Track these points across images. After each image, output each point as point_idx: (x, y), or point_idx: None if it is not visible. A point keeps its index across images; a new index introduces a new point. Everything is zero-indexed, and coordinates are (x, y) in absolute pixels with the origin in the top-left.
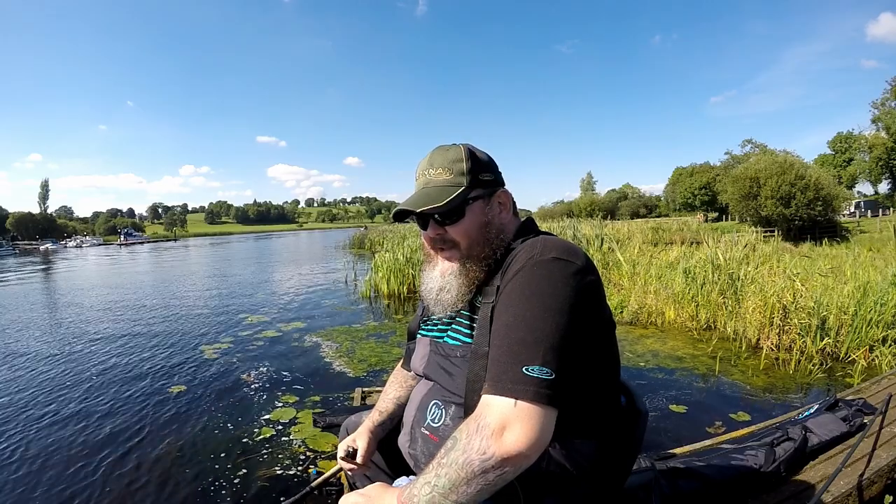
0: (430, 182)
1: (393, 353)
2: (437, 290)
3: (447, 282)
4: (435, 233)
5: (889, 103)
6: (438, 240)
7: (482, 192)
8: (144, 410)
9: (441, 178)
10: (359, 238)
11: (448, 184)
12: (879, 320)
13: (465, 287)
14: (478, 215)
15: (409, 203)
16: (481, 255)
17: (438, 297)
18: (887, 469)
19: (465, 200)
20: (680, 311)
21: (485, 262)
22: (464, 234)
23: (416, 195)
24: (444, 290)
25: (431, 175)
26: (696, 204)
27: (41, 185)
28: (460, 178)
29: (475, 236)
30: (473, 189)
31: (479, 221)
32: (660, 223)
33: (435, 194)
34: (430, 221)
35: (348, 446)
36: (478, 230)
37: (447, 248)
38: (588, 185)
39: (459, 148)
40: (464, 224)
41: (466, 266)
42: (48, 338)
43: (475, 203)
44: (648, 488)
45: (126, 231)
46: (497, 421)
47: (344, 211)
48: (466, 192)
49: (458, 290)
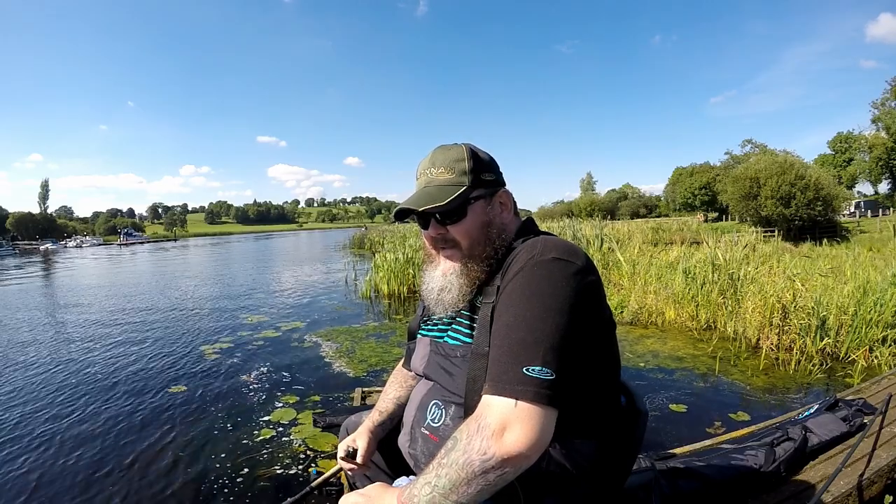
0: (432, 181)
1: (393, 353)
2: (438, 290)
3: (449, 281)
4: (436, 232)
5: (889, 103)
6: (440, 239)
7: (484, 192)
8: (145, 410)
9: (443, 177)
10: (359, 238)
11: (450, 183)
12: (879, 320)
13: (466, 287)
14: (479, 215)
15: (410, 202)
16: (483, 255)
17: (440, 296)
18: (887, 469)
19: (467, 200)
20: (680, 311)
21: (486, 261)
22: (465, 234)
23: (417, 194)
24: (446, 290)
25: (433, 174)
26: (696, 204)
27: (41, 185)
28: (462, 178)
29: (476, 236)
30: (475, 189)
31: (481, 221)
32: (660, 223)
33: (437, 193)
34: (431, 221)
35: (348, 446)
36: (479, 230)
37: (448, 247)
38: (588, 185)
39: (461, 147)
40: (465, 224)
41: (468, 266)
42: (48, 338)
43: (477, 203)
44: (648, 488)
45: (126, 231)
46: (497, 421)
47: (344, 211)
48: (468, 192)
49: (460, 290)
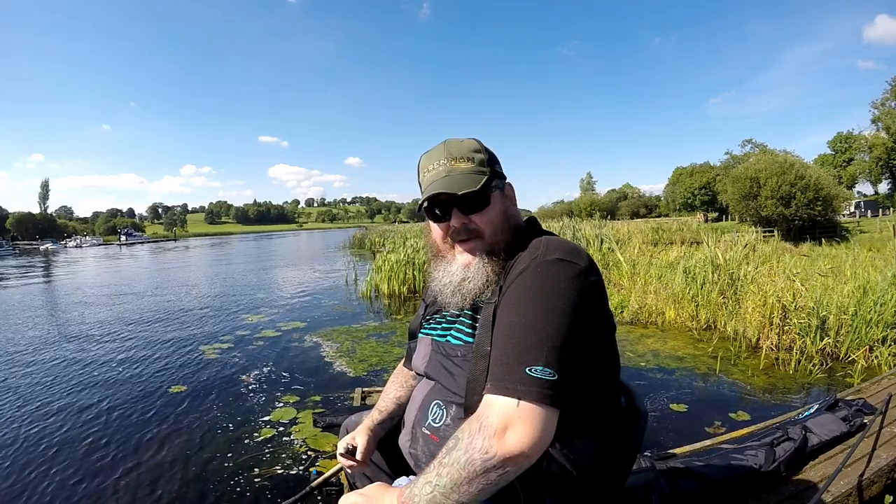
0: (454, 170)
1: (393, 353)
2: (459, 281)
3: (473, 270)
4: (460, 222)
5: (889, 103)
6: (462, 230)
7: (499, 183)
8: (145, 410)
9: (465, 165)
10: (359, 238)
11: (475, 171)
12: (879, 320)
13: (493, 275)
14: (499, 204)
15: (441, 186)
16: (502, 245)
17: (460, 287)
18: (887, 469)
19: (491, 188)
20: (680, 310)
21: (503, 251)
22: (489, 223)
23: (445, 181)
24: (468, 280)
25: (453, 164)
26: (696, 204)
27: (41, 185)
28: (483, 168)
29: (500, 224)
30: (494, 179)
31: (502, 210)
32: (660, 223)
33: (465, 180)
34: (454, 211)
35: (348, 444)
36: (501, 218)
37: (471, 238)
38: (588, 185)
39: (473, 140)
40: (489, 213)
41: (490, 257)
42: (48, 338)
43: (496, 192)
44: (648, 488)
45: (126, 231)
46: (499, 420)
47: (344, 211)
48: (490, 181)
49: (486, 278)
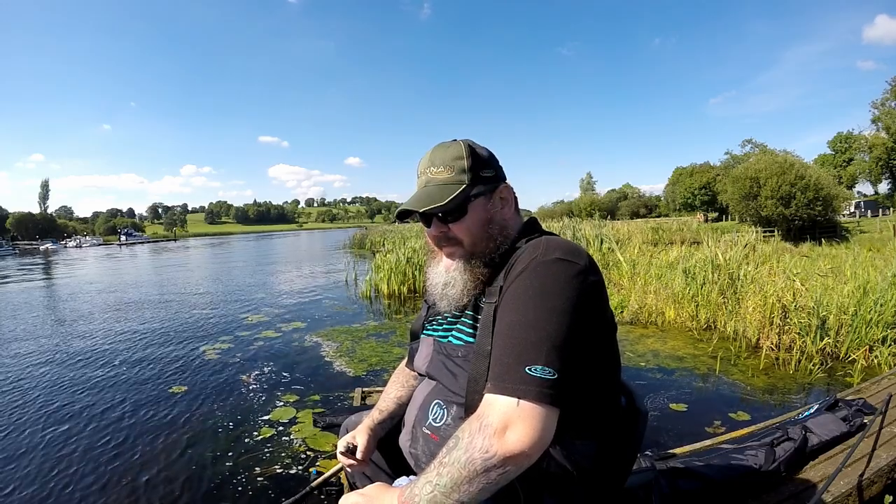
0: (432, 181)
1: (393, 353)
2: (442, 285)
3: (452, 277)
4: (438, 231)
5: (889, 103)
6: (442, 238)
7: (484, 189)
8: (145, 410)
9: (442, 176)
10: (359, 238)
11: (449, 182)
12: (879, 320)
13: (470, 283)
14: (480, 212)
15: (411, 203)
16: (485, 252)
17: (444, 291)
18: (887, 469)
19: (467, 198)
20: (680, 310)
21: (488, 257)
22: (466, 232)
23: (417, 194)
24: (449, 285)
25: (432, 174)
26: (696, 204)
27: (41, 185)
28: (461, 176)
29: (478, 233)
30: (475, 186)
31: (482, 218)
32: (660, 223)
33: (436, 193)
34: (433, 220)
35: (348, 443)
36: (480, 227)
37: (451, 245)
38: (588, 185)
39: (459, 144)
40: (466, 222)
41: (471, 262)
42: (49, 338)
43: (477, 200)
44: (648, 488)
45: (126, 231)
46: (500, 420)
47: (344, 211)
48: (468, 190)
49: (464, 285)
